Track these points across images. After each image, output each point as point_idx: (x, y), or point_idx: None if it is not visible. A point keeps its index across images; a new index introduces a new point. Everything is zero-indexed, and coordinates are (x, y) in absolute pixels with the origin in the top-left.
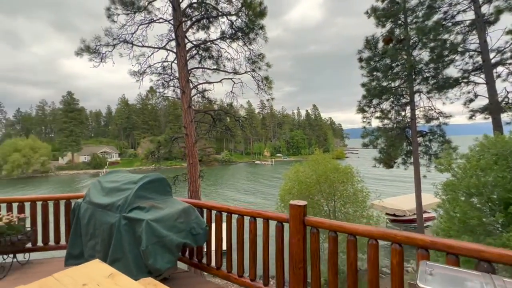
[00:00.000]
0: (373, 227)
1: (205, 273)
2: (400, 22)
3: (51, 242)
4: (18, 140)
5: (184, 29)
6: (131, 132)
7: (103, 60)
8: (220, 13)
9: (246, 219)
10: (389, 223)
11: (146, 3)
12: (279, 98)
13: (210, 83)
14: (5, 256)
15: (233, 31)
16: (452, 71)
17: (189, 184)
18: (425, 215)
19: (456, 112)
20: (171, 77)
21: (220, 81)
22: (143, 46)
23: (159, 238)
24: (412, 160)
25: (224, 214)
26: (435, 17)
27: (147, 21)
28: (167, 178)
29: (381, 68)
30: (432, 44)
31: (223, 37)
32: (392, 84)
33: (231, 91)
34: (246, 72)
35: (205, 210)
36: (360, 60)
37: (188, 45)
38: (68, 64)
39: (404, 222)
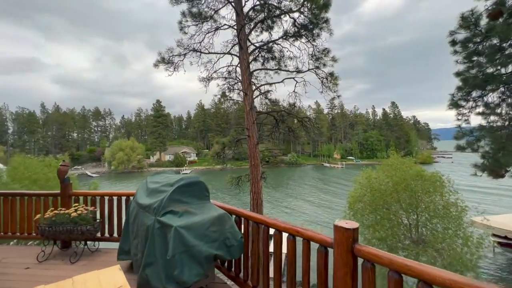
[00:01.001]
0: (461, 277)
1: None
2: None
3: (115, 234)
4: (122, 141)
5: (246, 32)
6: (206, 134)
7: (175, 69)
8: (282, 12)
9: (284, 236)
10: (497, 247)
11: (213, 12)
12: (351, 97)
13: (271, 84)
14: (78, 243)
15: (296, 29)
16: None
17: (251, 186)
18: None
19: None
20: (235, 80)
21: (282, 81)
22: (209, 53)
23: (187, 248)
24: None
25: (262, 227)
26: None
27: (213, 29)
28: (232, 179)
29: (485, 50)
30: None
31: (285, 36)
32: (503, 70)
33: (294, 91)
34: (309, 69)
35: (242, 220)
36: (453, 43)
37: (252, 48)
38: (158, 77)
39: None
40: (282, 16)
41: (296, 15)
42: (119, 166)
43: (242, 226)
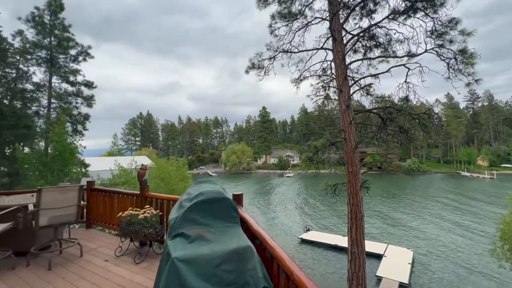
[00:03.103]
0: None
1: None
2: None
3: None
4: (234, 145)
5: (341, 21)
6: (310, 137)
7: (266, 73)
8: None
9: None
10: None
11: (304, 9)
12: (506, 84)
13: (373, 75)
14: (149, 243)
15: (409, 3)
16: None
17: (349, 196)
18: None
19: None
20: (330, 77)
21: (388, 70)
22: (299, 51)
23: None
24: None
25: (291, 282)
26: None
27: (303, 25)
28: (327, 186)
29: None
30: None
31: (393, 15)
32: None
33: (405, 81)
34: (426, 50)
35: (274, 261)
36: None
37: (348, 38)
38: (266, 86)
39: None
40: None
41: None
42: (232, 168)
43: (274, 269)
